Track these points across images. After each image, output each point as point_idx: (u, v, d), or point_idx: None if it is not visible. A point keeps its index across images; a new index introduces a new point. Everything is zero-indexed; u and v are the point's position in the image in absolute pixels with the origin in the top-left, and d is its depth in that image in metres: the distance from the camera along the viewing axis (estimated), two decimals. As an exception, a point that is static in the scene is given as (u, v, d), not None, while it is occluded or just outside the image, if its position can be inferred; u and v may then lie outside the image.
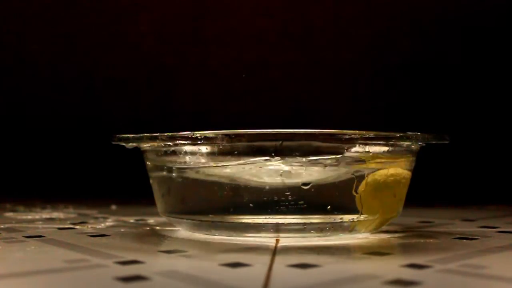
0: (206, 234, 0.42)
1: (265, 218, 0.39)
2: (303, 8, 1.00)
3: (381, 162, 0.40)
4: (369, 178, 0.39)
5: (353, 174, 0.39)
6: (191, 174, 0.41)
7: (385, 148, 0.40)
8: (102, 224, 0.51)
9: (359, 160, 0.39)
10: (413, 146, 0.42)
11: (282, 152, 0.38)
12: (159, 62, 1.03)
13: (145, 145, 0.43)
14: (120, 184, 0.90)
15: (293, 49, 1.01)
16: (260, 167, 0.39)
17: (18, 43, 1.03)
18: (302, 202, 0.39)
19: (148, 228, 0.48)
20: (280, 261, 0.32)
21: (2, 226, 0.49)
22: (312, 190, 0.39)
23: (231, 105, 0.99)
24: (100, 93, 1.03)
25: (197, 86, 1.02)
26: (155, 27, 1.02)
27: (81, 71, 1.03)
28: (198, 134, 0.38)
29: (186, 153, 0.40)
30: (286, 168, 0.39)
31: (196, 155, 0.40)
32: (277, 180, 0.39)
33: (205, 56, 1.02)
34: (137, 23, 1.02)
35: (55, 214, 0.60)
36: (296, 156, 0.38)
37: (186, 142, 0.39)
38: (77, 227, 0.49)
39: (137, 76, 1.03)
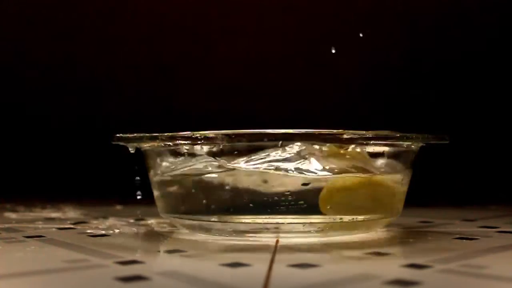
0: (206, 234, 0.42)
1: (265, 218, 0.39)
2: (303, 9, 1.00)
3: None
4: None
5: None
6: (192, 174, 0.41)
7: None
8: (102, 224, 0.51)
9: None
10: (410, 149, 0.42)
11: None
12: (160, 62, 1.03)
13: (145, 145, 0.43)
14: (120, 184, 0.90)
15: (293, 49, 1.01)
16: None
17: (17, 43, 1.03)
18: (302, 202, 0.39)
19: (148, 228, 0.48)
20: (280, 261, 0.32)
21: (2, 226, 0.49)
22: (312, 190, 0.39)
23: (231, 105, 0.99)
24: (100, 93, 1.03)
25: (198, 86, 1.02)
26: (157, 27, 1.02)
27: (81, 71, 1.03)
28: (198, 134, 0.38)
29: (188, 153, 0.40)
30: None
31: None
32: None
33: (205, 56, 1.02)
34: (138, 23, 1.02)
35: (55, 214, 0.60)
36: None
37: (186, 142, 0.39)
38: (77, 227, 0.49)
39: (138, 76, 1.03)
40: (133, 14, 1.02)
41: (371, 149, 0.40)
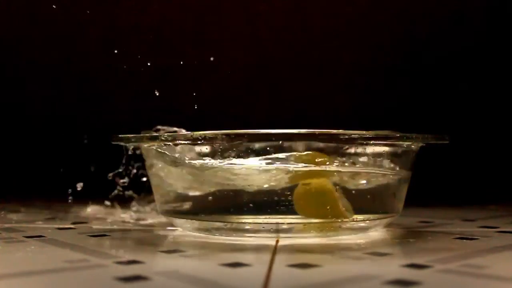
0: (206, 234, 0.42)
1: (265, 218, 0.39)
2: (303, 8, 1.00)
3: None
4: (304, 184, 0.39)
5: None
6: (192, 174, 0.41)
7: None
8: (102, 224, 0.51)
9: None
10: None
11: (281, 152, 0.38)
12: (160, 63, 1.03)
13: (145, 145, 0.43)
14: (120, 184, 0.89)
15: (293, 49, 1.01)
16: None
17: (17, 44, 1.03)
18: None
19: (148, 228, 0.48)
20: (280, 261, 0.32)
21: (2, 226, 0.49)
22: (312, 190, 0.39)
23: (231, 105, 0.99)
24: (101, 93, 1.03)
25: (198, 86, 1.02)
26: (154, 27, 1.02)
27: (81, 71, 1.03)
28: (198, 134, 0.38)
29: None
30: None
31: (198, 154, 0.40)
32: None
33: (205, 56, 1.02)
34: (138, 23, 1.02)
35: (55, 214, 0.60)
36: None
37: (186, 142, 0.39)
38: (77, 227, 0.49)
39: (139, 77, 1.03)
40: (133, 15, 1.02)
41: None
